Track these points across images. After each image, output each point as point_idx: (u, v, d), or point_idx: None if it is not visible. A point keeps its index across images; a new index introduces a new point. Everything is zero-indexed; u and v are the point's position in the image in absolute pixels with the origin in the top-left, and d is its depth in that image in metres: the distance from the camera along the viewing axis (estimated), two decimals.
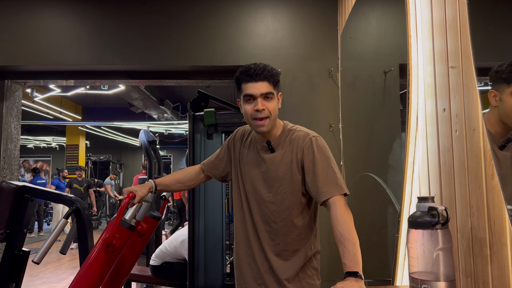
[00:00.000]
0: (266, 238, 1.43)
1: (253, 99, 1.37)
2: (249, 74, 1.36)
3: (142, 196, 1.52)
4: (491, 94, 1.04)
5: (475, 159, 1.13)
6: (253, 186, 1.46)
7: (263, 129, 1.38)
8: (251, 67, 1.38)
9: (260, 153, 1.46)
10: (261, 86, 1.36)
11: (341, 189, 1.33)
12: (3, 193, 1.90)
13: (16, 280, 1.91)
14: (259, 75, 1.35)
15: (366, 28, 2.38)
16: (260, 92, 1.36)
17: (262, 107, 1.36)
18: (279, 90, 1.45)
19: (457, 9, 1.22)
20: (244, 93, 1.38)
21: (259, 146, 1.48)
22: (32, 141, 13.66)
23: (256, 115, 1.37)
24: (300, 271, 1.41)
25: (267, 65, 1.39)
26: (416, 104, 1.51)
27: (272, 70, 1.39)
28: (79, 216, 1.91)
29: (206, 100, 3.16)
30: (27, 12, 3.00)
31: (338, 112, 2.91)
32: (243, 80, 1.38)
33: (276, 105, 1.41)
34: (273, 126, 1.43)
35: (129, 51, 2.98)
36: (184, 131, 10.44)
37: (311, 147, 1.39)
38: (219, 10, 3.01)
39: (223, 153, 1.60)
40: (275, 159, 1.43)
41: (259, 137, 1.46)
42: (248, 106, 1.38)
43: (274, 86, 1.40)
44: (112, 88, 6.14)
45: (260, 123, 1.37)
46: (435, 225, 1.00)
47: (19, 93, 3.24)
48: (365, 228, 2.40)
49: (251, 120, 1.39)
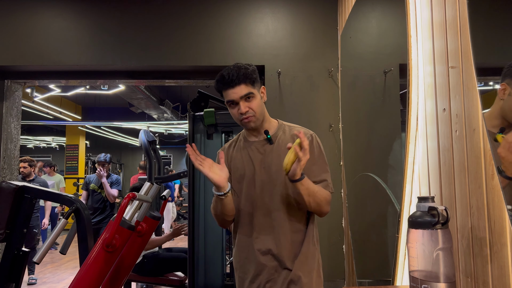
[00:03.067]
0: (268, 227, 1.44)
1: (236, 104, 1.43)
2: (224, 82, 1.41)
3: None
4: (502, 87, 1.04)
5: (475, 159, 1.13)
6: (255, 183, 1.46)
7: (251, 125, 1.45)
8: (224, 75, 1.42)
9: (258, 149, 1.50)
10: (239, 90, 1.40)
11: (328, 185, 1.45)
12: (3, 193, 1.90)
13: (16, 280, 1.91)
14: (234, 81, 1.40)
15: (366, 28, 2.38)
16: (239, 96, 1.41)
17: (245, 109, 1.42)
18: (260, 85, 1.49)
19: (457, 9, 1.22)
20: (226, 99, 1.45)
21: (255, 143, 1.51)
22: (32, 141, 13.66)
23: (242, 117, 1.43)
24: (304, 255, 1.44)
25: (240, 67, 1.42)
26: (416, 104, 1.51)
27: (246, 70, 1.42)
28: (79, 216, 1.91)
29: (206, 100, 3.17)
30: (27, 12, 3.00)
31: (338, 112, 2.91)
32: (222, 88, 1.44)
33: (259, 102, 1.46)
34: (264, 121, 1.50)
35: (129, 51, 2.98)
36: (184, 131, 10.44)
37: (312, 143, 1.47)
38: (219, 10, 3.01)
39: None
40: (274, 151, 1.47)
41: (254, 132, 1.51)
42: (233, 110, 1.45)
43: (252, 85, 1.43)
44: (112, 88, 6.14)
45: (247, 120, 1.44)
46: (435, 225, 1.00)
47: (19, 93, 3.24)
48: (365, 228, 2.40)
49: (239, 122, 1.47)
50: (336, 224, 2.83)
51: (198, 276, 2.91)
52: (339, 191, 2.85)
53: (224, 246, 3.02)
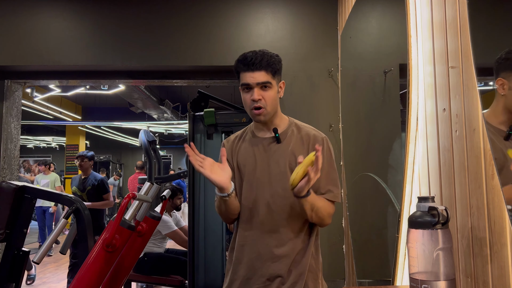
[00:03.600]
0: (267, 231, 1.37)
1: (250, 89, 1.35)
2: (245, 63, 1.33)
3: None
4: (499, 82, 1.01)
5: (475, 159, 1.13)
6: (254, 181, 1.40)
7: (260, 118, 1.37)
8: (248, 55, 1.34)
9: (264, 147, 1.42)
10: (258, 75, 1.33)
11: (335, 196, 1.38)
12: (3, 193, 1.90)
13: (16, 280, 1.91)
14: (256, 65, 1.32)
15: (366, 28, 2.38)
16: (257, 82, 1.33)
17: (258, 97, 1.33)
18: (280, 78, 1.41)
19: (457, 9, 1.22)
20: (241, 82, 1.36)
21: (262, 140, 1.43)
22: (32, 141, 13.66)
23: (253, 105, 1.35)
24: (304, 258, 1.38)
25: (266, 53, 1.35)
26: (416, 104, 1.51)
27: (271, 58, 1.36)
28: (79, 216, 1.91)
29: (206, 100, 3.16)
30: (27, 12, 3.00)
31: (338, 112, 2.91)
32: (240, 69, 1.36)
33: (275, 95, 1.38)
34: (275, 116, 1.42)
35: (129, 51, 2.98)
36: (184, 131, 10.44)
37: (323, 148, 1.38)
38: (219, 10, 3.01)
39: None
40: (281, 150, 1.40)
41: (262, 127, 1.43)
42: (245, 95, 1.36)
43: (273, 75, 1.36)
44: (112, 88, 6.13)
45: (257, 112, 1.35)
46: (435, 225, 1.00)
47: (19, 93, 3.24)
48: (365, 228, 2.40)
49: (249, 110, 1.38)
50: (336, 224, 2.83)
51: (198, 276, 2.91)
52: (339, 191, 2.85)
53: (224, 246, 3.02)
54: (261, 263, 1.35)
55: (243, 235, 1.41)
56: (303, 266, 1.35)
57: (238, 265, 1.39)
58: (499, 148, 1.04)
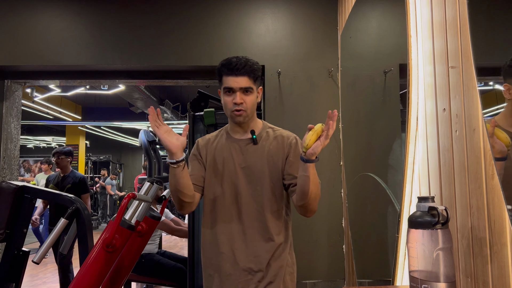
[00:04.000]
0: (245, 228, 1.44)
1: (233, 92, 1.42)
2: (230, 68, 1.40)
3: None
4: (506, 87, 1.03)
5: (475, 159, 1.13)
6: (234, 180, 1.46)
7: (240, 119, 1.44)
8: (233, 60, 1.41)
9: (241, 148, 1.49)
10: (241, 80, 1.40)
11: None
12: (3, 193, 1.90)
13: (16, 280, 1.91)
14: (240, 70, 1.40)
15: (366, 28, 2.38)
16: (240, 86, 1.41)
17: (240, 101, 1.41)
18: (259, 85, 1.50)
19: (457, 9, 1.22)
20: (224, 85, 1.43)
21: (239, 142, 1.50)
22: (32, 141, 13.66)
23: (235, 108, 1.42)
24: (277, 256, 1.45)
25: (248, 60, 1.43)
26: (416, 104, 1.51)
27: (253, 66, 1.43)
28: (79, 216, 1.91)
29: (206, 100, 3.16)
30: (27, 12, 3.00)
31: (338, 112, 2.91)
32: (224, 73, 1.43)
33: (255, 99, 1.46)
34: (251, 120, 1.50)
35: (129, 51, 2.98)
36: None
37: (296, 145, 1.50)
38: (219, 10, 3.01)
39: (197, 164, 1.53)
40: (258, 151, 1.48)
41: (238, 130, 1.51)
42: (227, 98, 1.43)
43: (254, 81, 1.44)
44: (112, 88, 6.14)
45: (238, 114, 1.43)
46: (435, 225, 0.99)
47: (19, 93, 3.24)
48: (365, 228, 2.40)
49: (229, 112, 1.45)
50: (336, 224, 2.83)
51: (198, 276, 2.91)
52: (339, 191, 2.85)
53: None
54: (242, 258, 1.42)
55: (222, 232, 1.46)
56: (282, 260, 1.45)
57: (220, 261, 1.45)
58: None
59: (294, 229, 2.74)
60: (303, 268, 2.79)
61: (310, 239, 2.81)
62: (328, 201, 2.82)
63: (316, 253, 2.82)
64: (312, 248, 2.81)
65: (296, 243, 2.82)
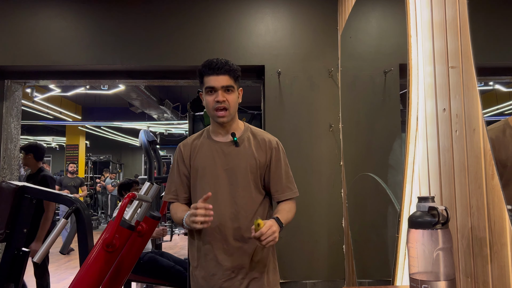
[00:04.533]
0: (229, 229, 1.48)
1: (214, 91, 1.46)
2: (211, 68, 1.46)
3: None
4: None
5: (475, 159, 1.13)
6: (216, 183, 1.50)
7: (223, 119, 1.48)
8: (213, 61, 1.47)
9: (223, 149, 1.52)
10: (222, 79, 1.45)
11: (295, 191, 1.59)
12: (3, 193, 1.90)
13: (16, 280, 1.91)
14: (221, 69, 1.45)
15: (366, 28, 2.38)
16: (221, 85, 1.45)
17: (222, 99, 1.45)
18: (239, 86, 1.54)
19: (457, 9, 1.22)
20: (206, 85, 1.48)
21: (220, 144, 1.54)
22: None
23: (217, 106, 1.46)
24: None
25: (228, 60, 1.49)
26: (416, 104, 1.51)
27: (233, 66, 1.49)
28: (79, 216, 1.91)
29: None
30: (26, 12, 3.00)
31: (338, 112, 2.91)
32: (205, 73, 1.47)
33: (236, 98, 1.51)
34: (233, 120, 1.54)
35: (129, 51, 2.98)
36: (184, 131, 10.44)
37: (278, 150, 1.57)
38: (219, 10, 3.01)
39: (183, 171, 1.57)
40: (240, 153, 1.51)
41: (220, 131, 1.54)
42: (209, 97, 1.48)
43: (234, 80, 1.49)
44: (112, 88, 6.14)
45: (221, 114, 1.47)
46: (435, 225, 0.99)
47: (19, 93, 3.24)
48: (365, 228, 2.40)
49: (212, 111, 1.49)
50: (336, 224, 2.83)
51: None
52: (339, 191, 2.85)
53: None
54: (225, 257, 1.47)
55: (205, 233, 1.50)
56: (264, 257, 1.51)
57: (204, 262, 1.50)
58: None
59: (294, 229, 2.75)
60: (303, 268, 2.79)
61: (310, 239, 2.81)
62: (328, 201, 2.82)
63: (316, 253, 2.82)
64: (312, 248, 2.81)
65: (296, 243, 2.83)
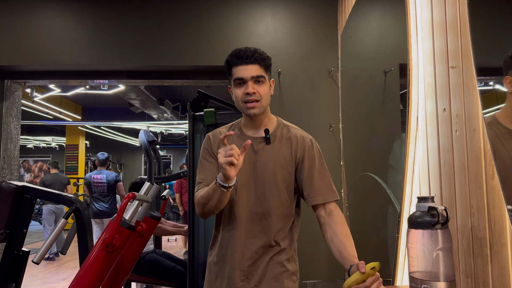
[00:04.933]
0: (252, 231, 1.38)
1: (244, 83, 1.33)
2: (239, 57, 1.32)
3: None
4: (507, 80, 1.00)
5: (475, 159, 1.13)
6: (243, 178, 1.38)
7: (254, 111, 1.34)
8: (242, 49, 1.34)
9: (253, 147, 1.39)
10: (252, 69, 1.32)
11: (336, 195, 1.37)
12: (3, 193, 1.90)
13: (16, 280, 1.91)
14: (250, 58, 1.31)
15: (366, 28, 2.38)
16: (251, 75, 1.31)
17: (252, 90, 1.31)
18: (271, 76, 1.40)
19: (457, 9, 1.22)
20: (234, 76, 1.34)
21: (250, 138, 1.40)
22: (32, 141, 13.66)
23: (247, 98, 1.32)
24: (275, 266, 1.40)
25: (258, 49, 1.35)
26: (416, 104, 1.51)
27: (263, 54, 1.35)
28: (78, 216, 1.91)
29: (206, 100, 3.16)
30: (27, 12, 3.00)
31: (338, 112, 2.91)
32: (234, 63, 1.34)
33: (268, 90, 1.36)
34: (265, 115, 1.41)
35: (129, 51, 2.98)
36: (184, 131, 10.44)
37: (312, 149, 1.40)
38: (219, 10, 3.01)
39: (210, 165, 1.45)
40: (270, 151, 1.39)
41: (251, 125, 1.41)
42: (238, 90, 1.34)
43: (265, 70, 1.35)
44: (112, 88, 6.13)
45: (251, 105, 1.33)
46: (435, 225, 1.00)
47: (18, 93, 3.24)
48: (365, 228, 2.40)
49: (241, 104, 1.35)
50: None
51: (198, 277, 2.91)
52: (339, 191, 2.85)
53: None
54: (243, 262, 1.37)
55: (226, 234, 1.40)
56: (282, 265, 1.38)
57: (222, 264, 1.41)
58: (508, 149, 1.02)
59: None
60: (303, 268, 2.78)
61: (310, 239, 2.81)
62: None
63: (316, 253, 2.82)
64: (312, 248, 2.81)
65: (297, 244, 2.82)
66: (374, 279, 1.04)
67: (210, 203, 1.30)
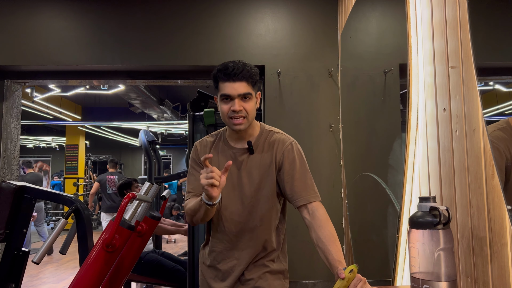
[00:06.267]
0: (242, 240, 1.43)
1: (230, 99, 1.33)
2: (227, 74, 1.32)
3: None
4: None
5: (475, 159, 1.13)
6: (229, 191, 1.42)
7: (240, 127, 1.35)
8: (229, 65, 1.33)
9: (237, 158, 1.42)
10: (239, 86, 1.32)
11: (318, 195, 1.40)
12: (3, 193, 1.90)
13: (16, 280, 1.91)
14: (238, 75, 1.31)
15: (366, 28, 2.38)
16: (238, 93, 1.32)
17: (239, 108, 1.32)
18: (257, 90, 1.41)
19: (457, 9, 1.22)
20: (221, 92, 1.34)
21: (235, 150, 1.44)
22: (32, 141, 13.66)
23: (233, 115, 1.33)
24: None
25: (246, 64, 1.35)
26: (416, 104, 1.51)
27: (251, 70, 1.35)
28: (78, 216, 1.91)
29: (206, 100, 3.16)
30: (26, 12, 3.00)
31: (338, 112, 2.91)
32: (220, 79, 1.34)
33: (254, 106, 1.38)
34: (250, 126, 1.42)
35: (129, 51, 2.97)
36: (184, 131, 10.44)
37: (292, 151, 1.41)
38: (219, 10, 3.01)
39: (199, 171, 1.45)
40: (253, 161, 1.41)
41: (235, 137, 1.43)
42: (225, 105, 1.35)
43: (252, 86, 1.36)
44: (112, 88, 6.13)
45: (237, 122, 1.34)
46: (437, 225, 1.00)
47: (18, 93, 3.24)
48: (365, 228, 2.40)
49: (227, 119, 1.36)
50: (336, 224, 2.81)
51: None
52: (339, 191, 2.85)
53: None
54: (234, 268, 1.42)
55: (215, 242, 1.46)
56: (273, 267, 1.45)
57: (214, 271, 1.47)
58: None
59: (294, 229, 2.75)
60: (303, 268, 2.79)
61: (310, 239, 2.81)
62: (328, 201, 2.82)
63: (316, 253, 2.79)
64: (312, 248, 2.79)
65: (297, 244, 2.82)
66: (356, 281, 1.08)
67: (197, 216, 1.35)
